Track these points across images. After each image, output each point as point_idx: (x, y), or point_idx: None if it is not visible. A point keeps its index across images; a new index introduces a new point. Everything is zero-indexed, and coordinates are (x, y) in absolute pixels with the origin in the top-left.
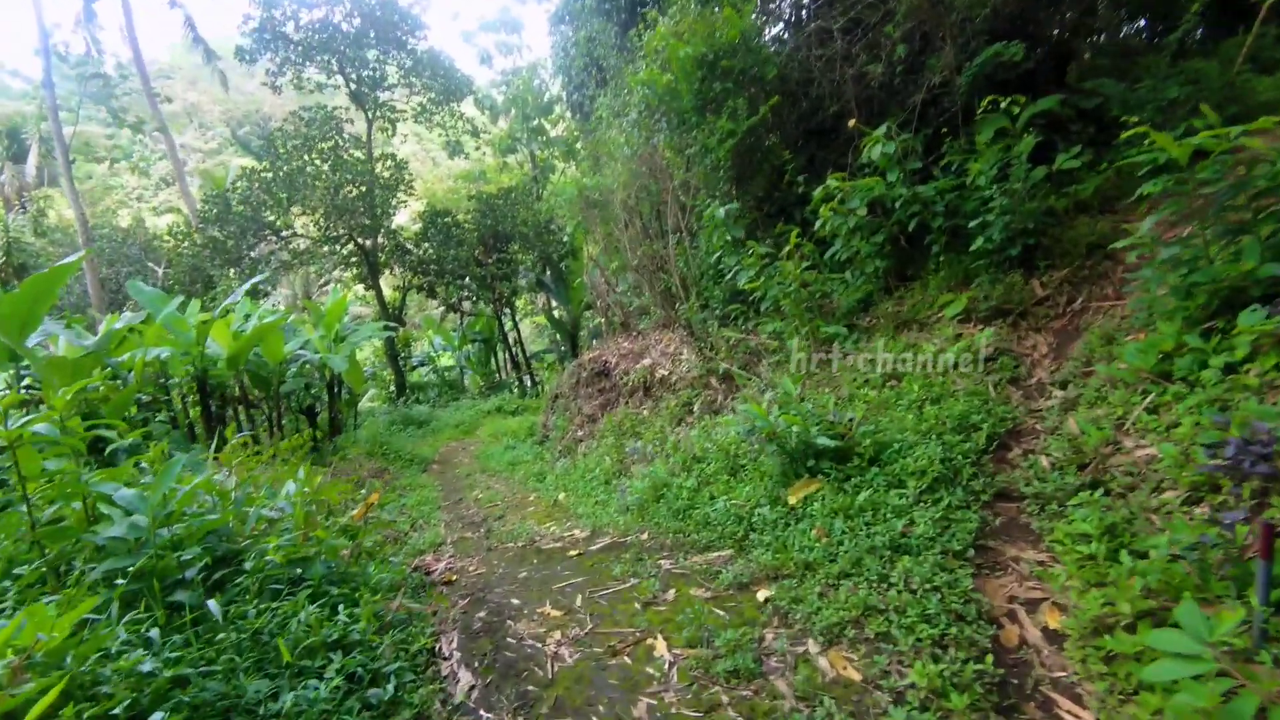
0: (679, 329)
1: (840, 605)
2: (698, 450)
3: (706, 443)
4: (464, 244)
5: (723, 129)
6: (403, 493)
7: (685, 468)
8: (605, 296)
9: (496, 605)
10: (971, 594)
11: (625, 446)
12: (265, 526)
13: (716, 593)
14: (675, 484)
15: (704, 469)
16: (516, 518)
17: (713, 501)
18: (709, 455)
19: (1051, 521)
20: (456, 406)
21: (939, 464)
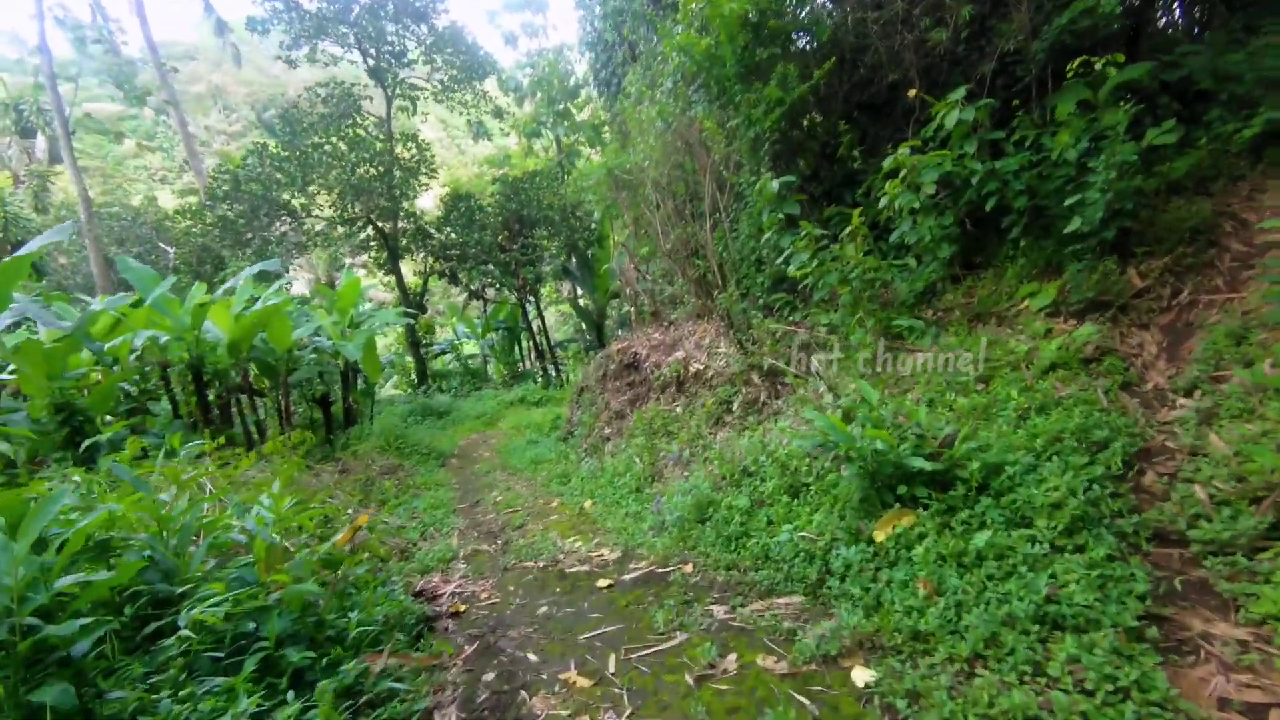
0: (715, 320)
1: (984, 711)
2: (749, 462)
3: (760, 454)
4: (487, 228)
5: (770, 97)
6: (416, 492)
7: (733, 481)
8: (634, 284)
9: (509, 660)
10: (1171, 696)
11: (657, 448)
12: (219, 560)
13: (794, 667)
14: (722, 502)
15: (756, 486)
16: (538, 527)
17: (771, 529)
18: (762, 469)
19: (1241, 581)
20: (478, 397)
21: (1074, 495)
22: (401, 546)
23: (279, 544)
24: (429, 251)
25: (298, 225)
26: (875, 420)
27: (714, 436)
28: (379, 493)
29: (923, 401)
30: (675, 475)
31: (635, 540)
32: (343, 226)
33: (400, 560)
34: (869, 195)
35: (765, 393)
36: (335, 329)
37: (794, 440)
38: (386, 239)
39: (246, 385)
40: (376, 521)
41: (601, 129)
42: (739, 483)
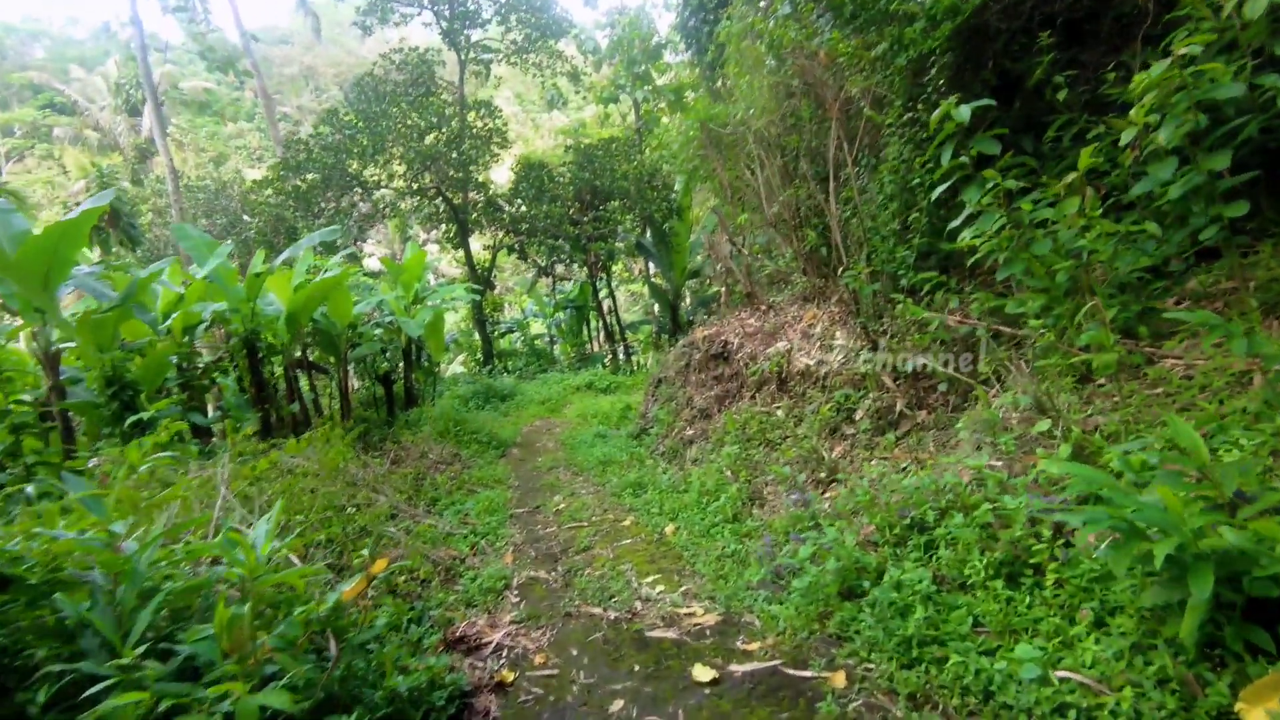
0: (831, 304)
1: None
2: (918, 512)
3: (934, 497)
4: (558, 200)
5: (943, 6)
6: (472, 490)
7: (892, 538)
8: (726, 259)
9: None
10: None
11: (754, 461)
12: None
13: None
14: (888, 578)
15: (943, 558)
16: (607, 553)
17: (983, 640)
18: (942, 524)
19: None
20: (544, 379)
21: None
22: (447, 562)
23: (253, 607)
24: (499, 225)
25: (367, 196)
26: (1197, 488)
27: (834, 453)
28: (430, 489)
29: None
30: (780, 500)
31: (739, 598)
32: (412, 198)
33: (443, 583)
34: (1061, 141)
35: (905, 401)
36: (398, 304)
37: (1031, 502)
38: (456, 211)
39: (305, 361)
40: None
41: (685, 92)
42: (903, 539)
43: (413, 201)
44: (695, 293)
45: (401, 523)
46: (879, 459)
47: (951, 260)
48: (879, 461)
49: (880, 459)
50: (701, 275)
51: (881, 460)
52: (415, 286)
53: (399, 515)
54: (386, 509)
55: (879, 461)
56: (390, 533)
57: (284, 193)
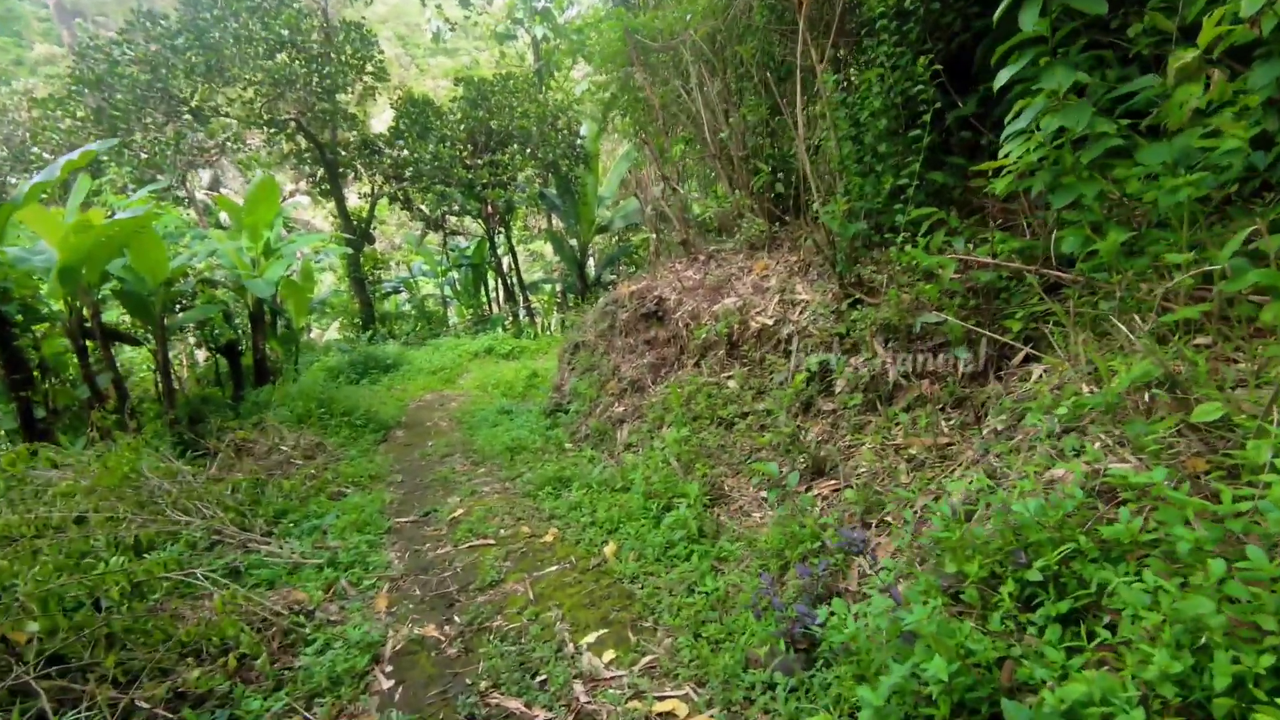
0: (786, 251)
1: None
2: (1047, 559)
3: (1054, 523)
4: (447, 140)
5: None
6: (337, 492)
7: (1010, 603)
8: (658, 199)
9: None
10: None
11: (708, 448)
12: None
13: None
14: (1049, 698)
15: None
16: (525, 589)
17: None
18: (1124, 598)
19: None
20: (435, 345)
21: None
22: (285, 621)
23: None
24: (377, 171)
25: (201, 123)
26: None
27: (811, 434)
28: (276, 496)
29: None
30: (748, 497)
31: (741, 683)
32: (263, 130)
33: (274, 660)
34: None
35: (895, 367)
36: (241, 257)
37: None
38: (322, 151)
39: (104, 329)
40: (257, 567)
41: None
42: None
43: (266, 137)
44: (604, 250)
45: (221, 557)
46: (878, 443)
47: (952, 197)
48: (879, 447)
49: (885, 444)
50: (612, 230)
51: (883, 445)
52: (265, 236)
53: (222, 544)
54: (201, 536)
55: (879, 447)
56: (198, 579)
57: (81, 117)
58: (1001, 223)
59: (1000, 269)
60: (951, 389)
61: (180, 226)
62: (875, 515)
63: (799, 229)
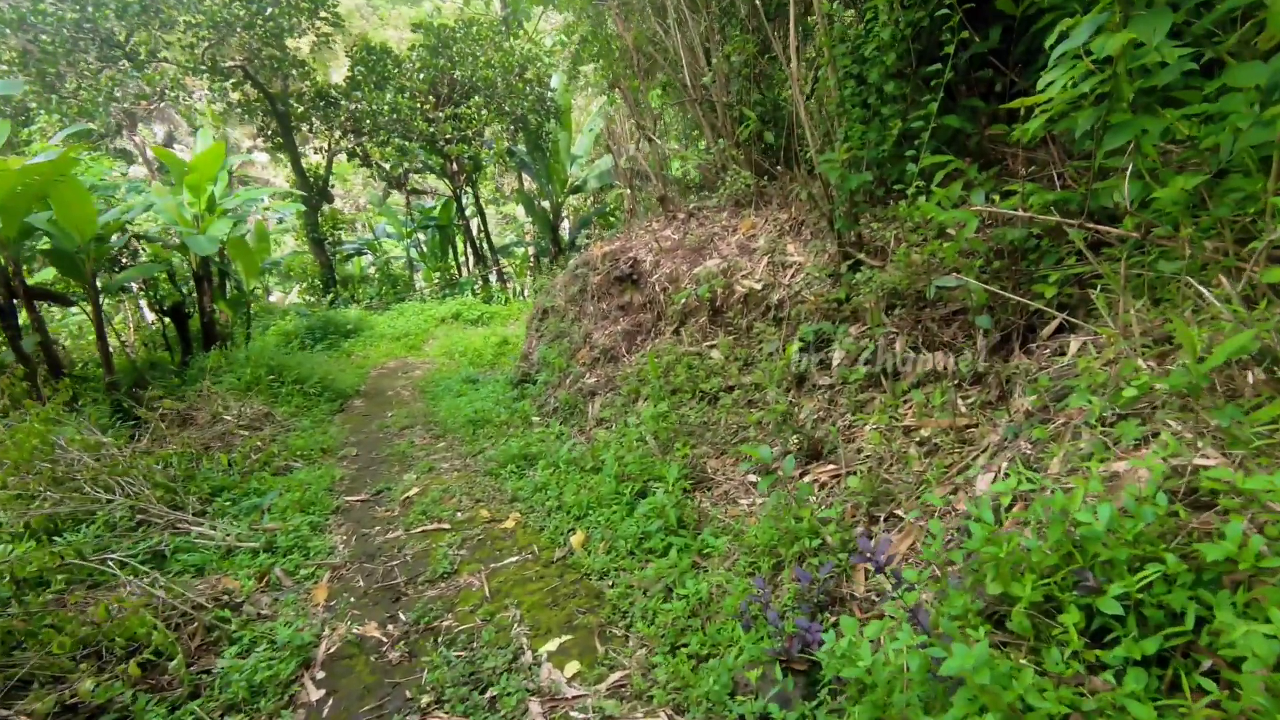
0: (775, 208)
1: None
2: (1124, 585)
3: (1128, 534)
4: (406, 91)
5: None
6: (284, 466)
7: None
8: (633, 152)
9: None
10: None
11: (689, 424)
12: None
13: None
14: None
15: None
16: (480, 582)
17: None
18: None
19: None
20: (400, 310)
21: None
22: (207, 616)
23: None
24: (334, 125)
25: (138, 69)
26: None
27: (805, 413)
28: (213, 471)
29: None
30: (734, 482)
31: (724, 714)
32: (206, 78)
33: (191, 661)
34: None
35: (903, 339)
36: (181, 212)
37: None
38: (274, 102)
39: (26, 289)
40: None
41: None
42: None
43: (210, 85)
44: (578, 211)
45: (144, 540)
46: (884, 423)
47: (966, 146)
48: (885, 428)
49: (892, 424)
50: (586, 190)
51: (889, 426)
52: (209, 190)
53: (148, 524)
54: (123, 516)
55: (885, 428)
56: (110, 567)
57: (6, 60)
58: (1027, 173)
59: (1035, 224)
60: (969, 363)
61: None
62: (884, 507)
63: (790, 183)
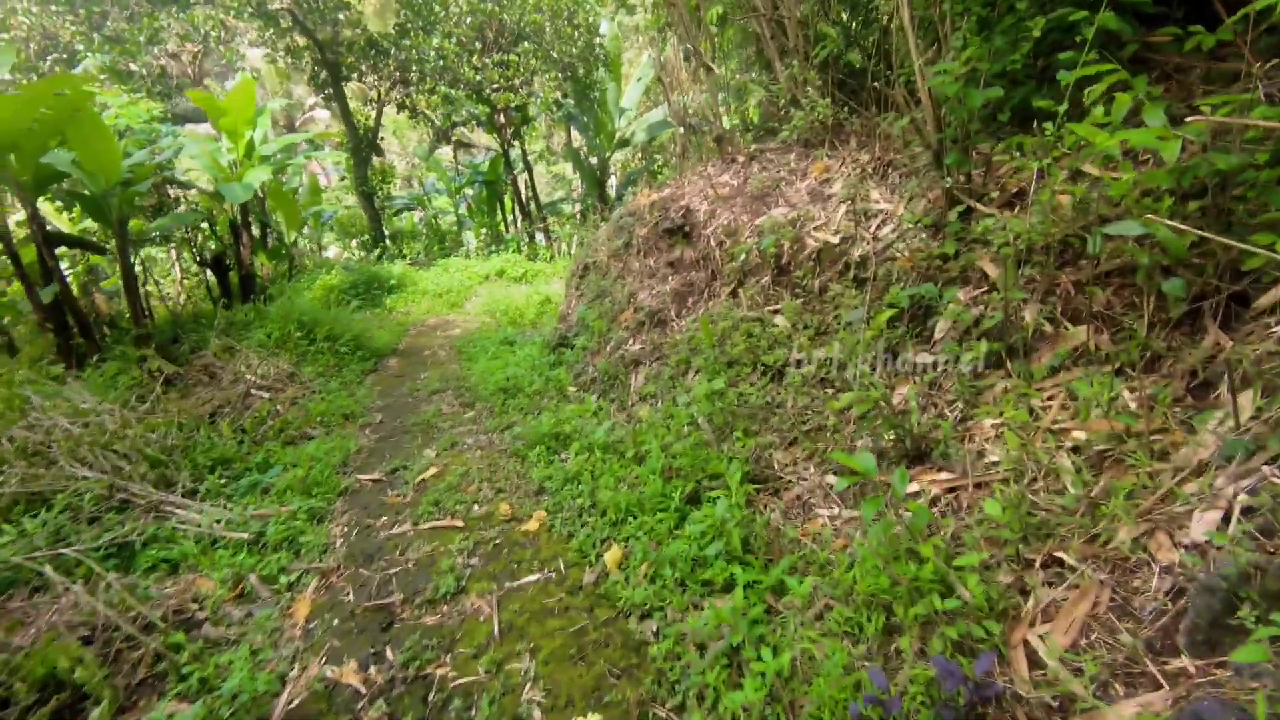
0: (862, 147)
1: None
2: None
3: None
4: (452, 36)
5: None
6: (300, 435)
7: None
8: (687, 84)
9: None
10: None
11: (749, 404)
12: None
13: None
14: None
15: None
16: (489, 607)
17: None
18: None
19: None
20: (444, 266)
21: None
22: (155, 646)
23: None
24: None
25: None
26: None
27: (898, 400)
28: (216, 440)
29: None
30: (814, 490)
31: None
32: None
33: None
34: None
35: (1039, 308)
36: (215, 157)
37: None
38: (323, 50)
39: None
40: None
41: None
42: None
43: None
44: (625, 166)
45: (111, 530)
46: (1018, 419)
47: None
48: (1021, 426)
49: (1030, 421)
50: (634, 144)
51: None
52: (246, 135)
53: (128, 505)
54: (88, 498)
55: (1021, 426)
56: (44, 572)
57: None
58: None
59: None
60: (1139, 340)
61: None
62: (1038, 546)
63: (876, 115)
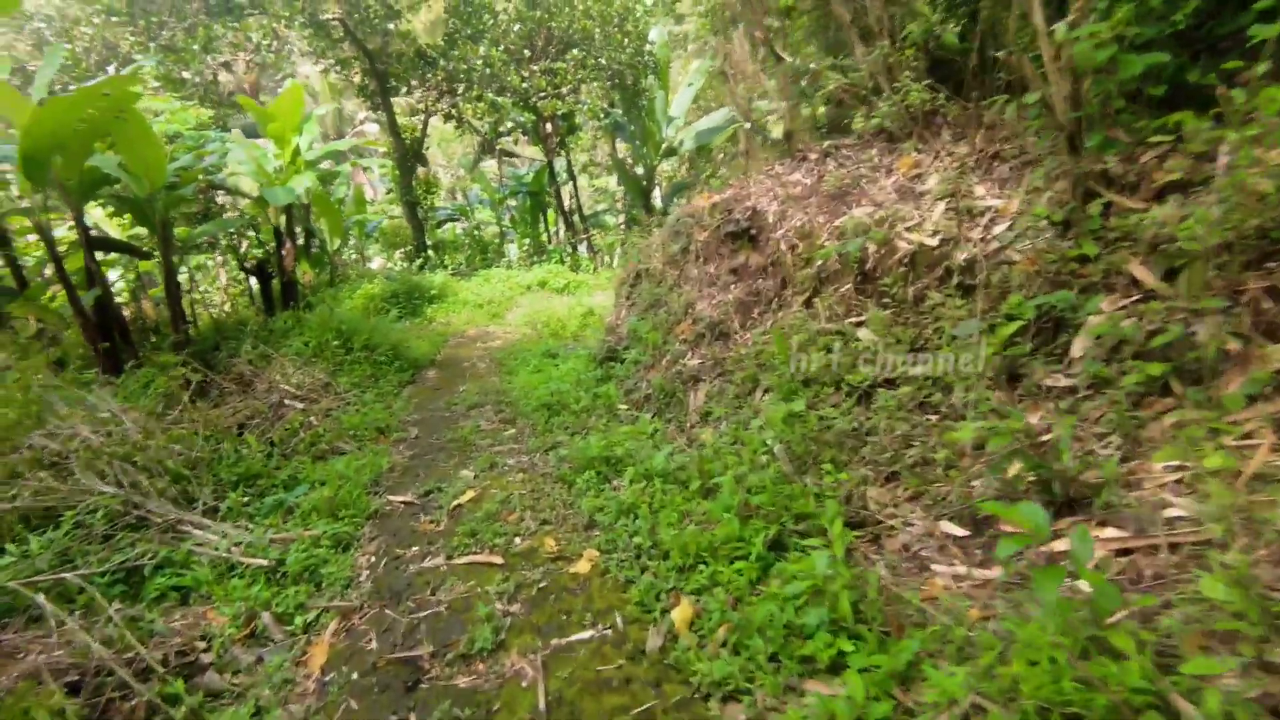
0: (958, 139)
1: None
2: None
3: None
4: (499, 44)
5: None
6: (331, 449)
7: None
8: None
9: None
10: None
11: (832, 423)
12: None
13: None
14: None
15: None
16: (534, 680)
17: None
18: None
19: None
20: (485, 276)
21: None
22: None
23: None
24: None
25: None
26: None
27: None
28: (242, 454)
29: None
30: (924, 538)
31: None
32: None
33: None
34: None
35: (1220, 322)
36: (261, 163)
37: None
38: (372, 60)
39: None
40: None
41: None
42: None
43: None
44: (671, 177)
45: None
46: (1213, 461)
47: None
48: (1217, 473)
49: (1231, 461)
50: (681, 153)
51: (1227, 467)
52: (293, 141)
53: (144, 524)
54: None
55: (1217, 473)
56: (38, 602)
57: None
58: None
59: None
60: None
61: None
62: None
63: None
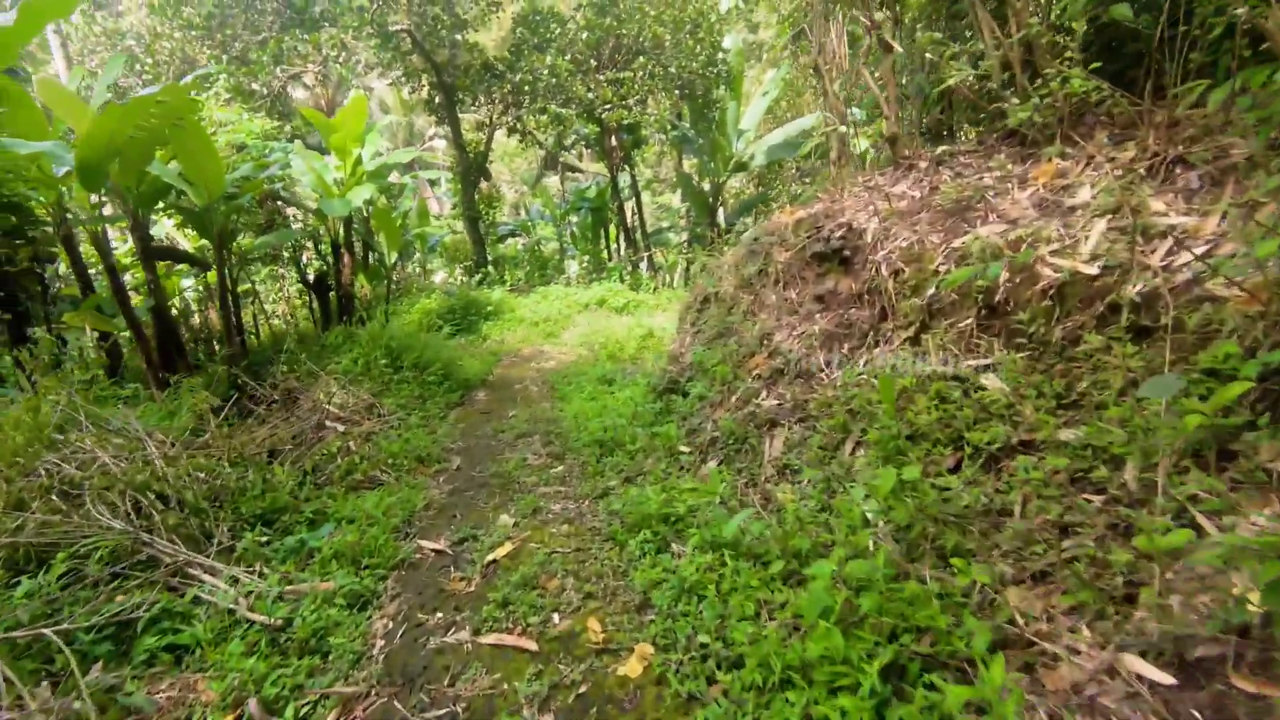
0: (1120, 144)
1: None
2: None
3: None
4: (566, 53)
5: None
6: (366, 479)
7: None
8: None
9: None
10: None
11: (955, 494)
12: None
13: None
14: None
15: None
16: None
17: None
18: None
19: None
20: (543, 293)
21: None
22: None
23: None
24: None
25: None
26: None
27: None
28: (270, 482)
29: None
30: (1092, 670)
31: None
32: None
33: None
34: None
35: None
36: (321, 174)
37: None
38: (439, 72)
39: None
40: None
41: None
42: None
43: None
44: (739, 195)
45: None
46: None
47: None
48: None
49: None
50: (751, 169)
51: None
52: (354, 152)
53: (153, 563)
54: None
55: None
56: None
57: (191, 24)
58: None
59: None
60: None
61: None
62: None
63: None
